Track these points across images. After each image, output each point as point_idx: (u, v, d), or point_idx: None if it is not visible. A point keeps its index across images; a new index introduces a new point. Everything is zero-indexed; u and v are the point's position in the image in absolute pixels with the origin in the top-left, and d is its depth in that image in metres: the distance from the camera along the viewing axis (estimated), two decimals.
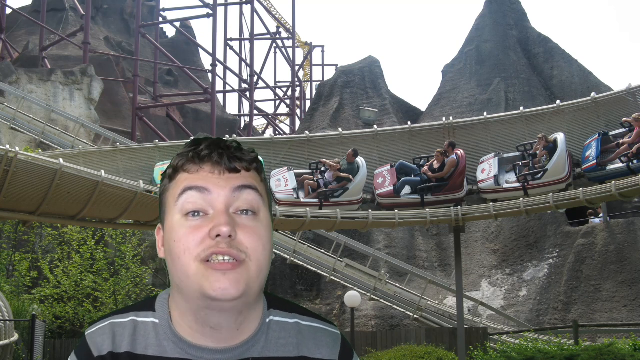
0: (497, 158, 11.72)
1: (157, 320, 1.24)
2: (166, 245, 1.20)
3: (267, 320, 1.25)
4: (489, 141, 12.32)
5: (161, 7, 41.75)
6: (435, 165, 11.79)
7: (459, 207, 11.31)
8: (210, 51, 37.06)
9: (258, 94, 76.27)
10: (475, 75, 28.43)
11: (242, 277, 1.14)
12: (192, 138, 1.29)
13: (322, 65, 57.89)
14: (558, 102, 12.35)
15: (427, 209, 11.39)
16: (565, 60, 28.48)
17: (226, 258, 1.14)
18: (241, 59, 48.72)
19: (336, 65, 46.98)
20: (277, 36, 52.21)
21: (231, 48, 47.93)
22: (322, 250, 19.26)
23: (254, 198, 1.20)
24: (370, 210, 11.40)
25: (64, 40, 36.06)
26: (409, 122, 14.70)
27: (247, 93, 45.71)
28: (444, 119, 13.09)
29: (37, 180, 8.77)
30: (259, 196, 1.21)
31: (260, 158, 1.27)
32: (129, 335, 1.23)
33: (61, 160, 9.06)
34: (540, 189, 11.03)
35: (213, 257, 1.14)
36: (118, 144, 15.04)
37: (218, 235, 1.14)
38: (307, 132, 16.64)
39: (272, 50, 53.99)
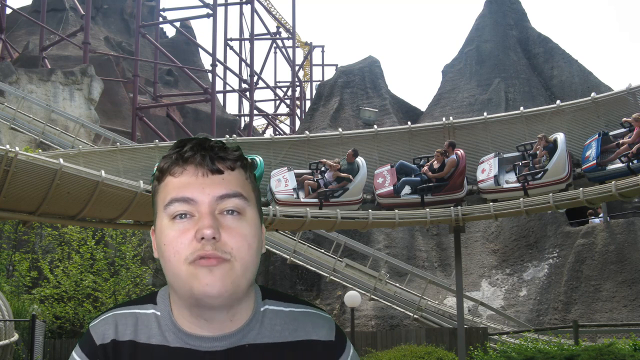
0: (497, 158, 11.70)
1: (158, 312, 1.31)
2: (158, 248, 1.27)
3: (262, 309, 1.32)
4: (489, 141, 12.31)
5: (161, 7, 41.77)
6: (435, 165, 11.78)
7: (459, 207, 11.29)
8: (210, 51, 37.07)
9: (258, 94, 76.35)
10: (475, 75, 28.43)
11: (227, 274, 1.20)
12: (178, 140, 1.34)
13: (322, 65, 57.91)
14: (558, 102, 12.34)
15: (427, 209, 11.37)
16: (565, 60, 28.47)
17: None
18: (241, 59, 48.72)
19: (336, 65, 47.01)
20: (277, 36, 52.20)
21: (231, 48, 47.94)
22: (322, 250, 19.25)
23: (238, 202, 1.25)
24: (370, 210, 11.38)
25: (64, 40, 36.06)
26: (409, 122, 14.69)
27: (247, 93, 45.70)
28: (444, 119, 13.07)
29: (37, 180, 8.76)
30: (243, 200, 1.26)
31: (249, 157, 1.29)
32: (131, 325, 1.30)
33: (61, 160, 9.05)
34: (540, 189, 11.01)
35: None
36: (118, 144, 15.03)
37: (203, 238, 1.20)
38: (307, 132, 16.62)
39: (272, 50, 54.03)
